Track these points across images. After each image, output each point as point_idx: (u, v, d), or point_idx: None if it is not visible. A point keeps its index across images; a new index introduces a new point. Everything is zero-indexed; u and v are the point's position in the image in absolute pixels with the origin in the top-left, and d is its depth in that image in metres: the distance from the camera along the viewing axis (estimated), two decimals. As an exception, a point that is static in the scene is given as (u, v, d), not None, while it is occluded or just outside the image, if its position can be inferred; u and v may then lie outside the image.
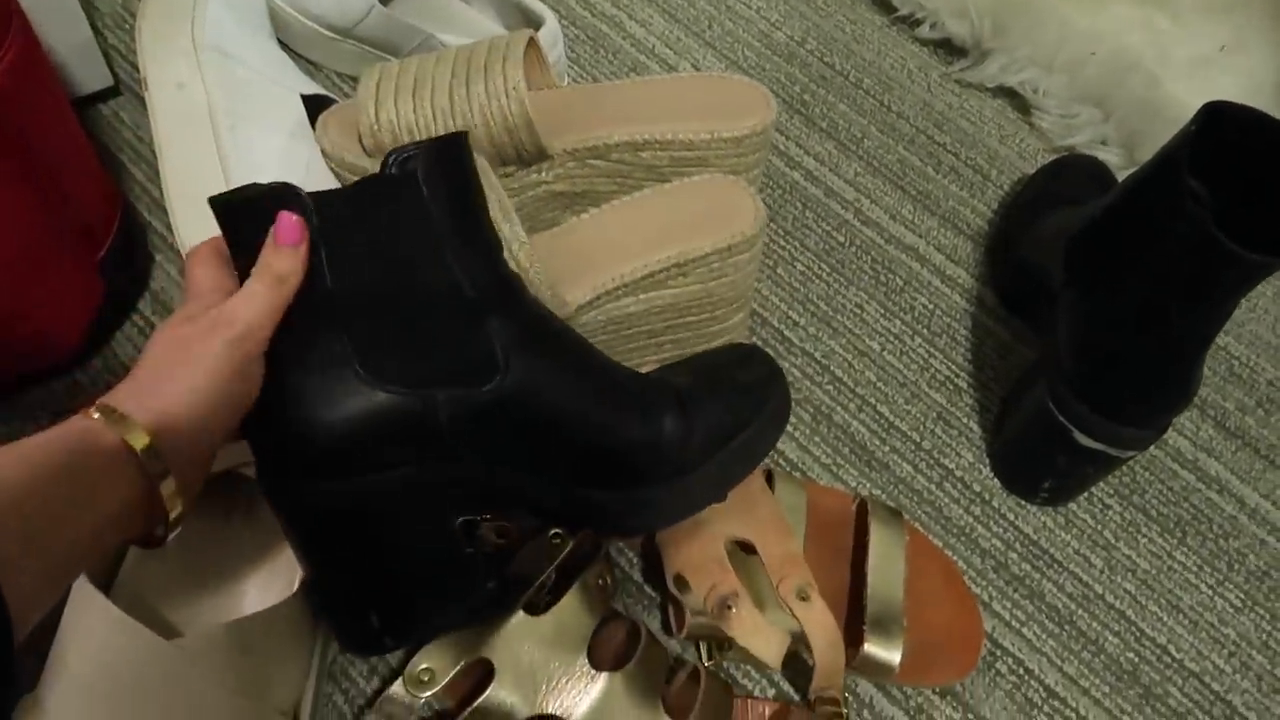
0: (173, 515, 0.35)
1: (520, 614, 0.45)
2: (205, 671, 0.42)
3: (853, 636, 0.51)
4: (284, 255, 0.38)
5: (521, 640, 0.44)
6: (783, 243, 0.69)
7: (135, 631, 0.41)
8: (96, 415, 0.33)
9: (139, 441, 0.33)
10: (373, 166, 0.58)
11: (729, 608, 0.48)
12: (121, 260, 0.59)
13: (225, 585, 0.49)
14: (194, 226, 0.56)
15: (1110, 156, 0.74)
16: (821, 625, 0.49)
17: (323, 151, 0.59)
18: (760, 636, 0.48)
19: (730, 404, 0.47)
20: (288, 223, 0.38)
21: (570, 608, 0.46)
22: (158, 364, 0.36)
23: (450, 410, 0.39)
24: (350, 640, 0.44)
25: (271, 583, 0.49)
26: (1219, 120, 0.48)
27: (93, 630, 0.42)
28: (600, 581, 0.48)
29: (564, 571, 0.49)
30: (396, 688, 0.44)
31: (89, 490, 0.32)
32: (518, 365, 0.40)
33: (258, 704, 0.44)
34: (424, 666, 0.44)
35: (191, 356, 0.36)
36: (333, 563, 0.42)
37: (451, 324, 0.39)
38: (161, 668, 0.41)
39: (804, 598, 0.49)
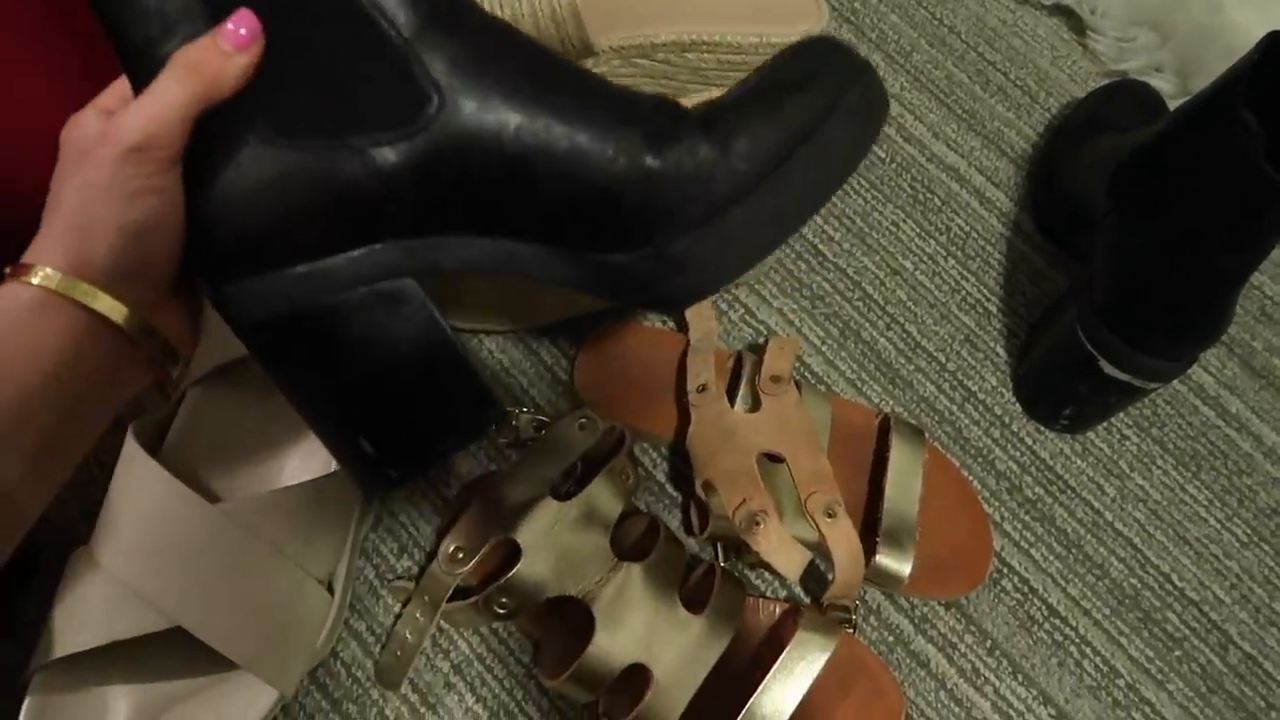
0: (137, 328, 0.33)
1: (547, 499, 0.46)
2: (249, 535, 0.44)
3: (866, 547, 0.53)
4: (213, 52, 0.31)
5: (548, 523, 0.46)
6: (823, 155, 0.68)
7: (183, 494, 0.43)
8: (35, 281, 0.31)
9: (66, 286, 0.31)
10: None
11: (757, 524, 0.50)
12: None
13: (266, 458, 0.51)
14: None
15: (1163, 84, 0.72)
16: (846, 543, 0.50)
17: None
18: (784, 553, 0.49)
19: (782, 105, 0.35)
20: (240, 32, 0.31)
21: (595, 496, 0.47)
22: (58, 202, 0.32)
23: (381, 165, 0.32)
24: (354, 472, 0.38)
25: (311, 458, 0.51)
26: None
27: (142, 491, 0.44)
28: (624, 475, 0.50)
29: (590, 461, 0.50)
30: (434, 567, 0.46)
31: (25, 344, 0.31)
32: (458, 93, 0.32)
33: (297, 569, 0.46)
34: (455, 546, 0.46)
35: (90, 182, 0.31)
36: (299, 382, 0.36)
37: (370, 56, 0.32)
38: (208, 530, 0.43)
39: (831, 515, 0.51)
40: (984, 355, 0.63)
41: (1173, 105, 0.68)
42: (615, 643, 0.45)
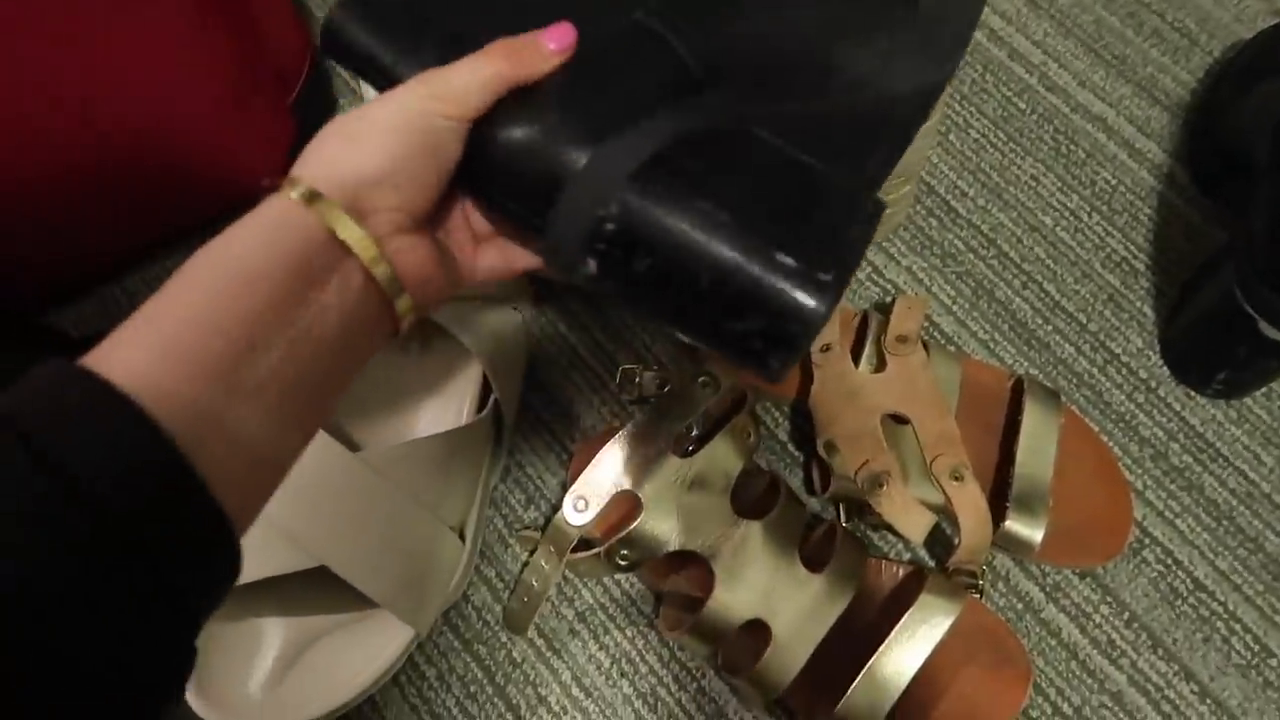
0: (406, 317, 0.33)
1: (669, 455, 0.47)
2: (389, 482, 0.47)
3: (995, 512, 0.51)
4: (532, 46, 0.33)
5: (669, 479, 0.47)
6: (958, 108, 0.65)
7: (327, 442, 0.46)
8: (295, 196, 0.29)
9: (364, 249, 0.30)
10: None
11: (880, 485, 0.49)
12: (311, 102, 0.62)
13: (402, 410, 0.53)
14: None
15: (1345, 21, 0.66)
16: (973, 507, 0.49)
17: None
18: (909, 516, 0.49)
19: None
20: (565, 31, 0.34)
21: (717, 453, 0.48)
22: (360, 127, 0.31)
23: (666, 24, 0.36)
24: (784, 302, 0.31)
25: (445, 410, 0.53)
26: None
27: (291, 439, 0.46)
28: (745, 434, 0.50)
29: (712, 419, 0.50)
30: (558, 518, 0.47)
31: (318, 298, 0.29)
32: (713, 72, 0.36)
33: (432, 516, 0.48)
34: (579, 497, 0.47)
35: (376, 117, 0.31)
36: (671, 277, 0.32)
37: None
38: (351, 476, 0.46)
39: (958, 478, 0.49)
40: (1129, 316, 0.59)
41: (1354, 44, 0.62)
42: (735, 598, 0.46)
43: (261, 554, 0.45)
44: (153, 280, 0.60)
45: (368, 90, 0.57)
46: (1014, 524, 0.50)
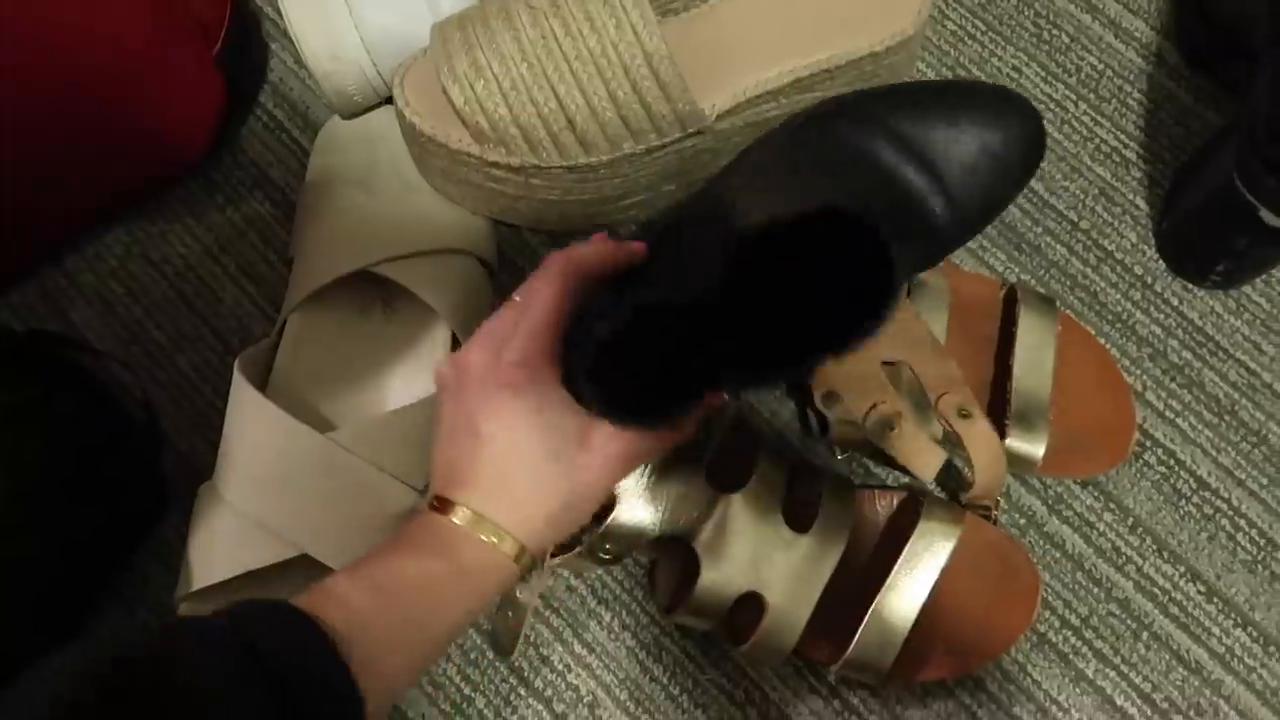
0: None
1: None
2: (362, 461, 0.45)
3: (994, 429, 0.50)
4: (605, 248, 0.37)
5: (642, 466, 0.45)
6: (931, -2, 0.61)
7: (292, 427, 0.44)
8: (463, 525, 0.34)
9: (515, 553, 0.34)
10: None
11: (891, 428, 0.47)
12: (238, 53, 0.58)
13: (371, 381, 0.51)
14: (305, 18, 0.53)
15: None
16: (985, 444, 0.47)
17: (408, 126, 0.51)
18: (922, 456, 0.47)
19: None
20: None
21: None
22: (523, 473, 0.35)
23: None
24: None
25: (415, 376, 0.51)
26: None
27: (253, 427, 0.44)
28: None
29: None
30: None
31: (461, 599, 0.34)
32: None
33: (411, 491, 0.47)
34: None
35: (562, 489, 0.35)
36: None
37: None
38: (323, 460, 0.44)
39: (966, 415, 0.47)
40: (1122, 210, 0.57)
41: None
42: (723, 575, 0.45)
43: (237, 549, 0.43)
44: (93, 259, 0.57)
45: (303, 35, 0.53)
46: (1015, 441, 0.49)
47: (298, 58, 0.59)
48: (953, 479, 0.52)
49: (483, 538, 0.34)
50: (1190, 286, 0.55)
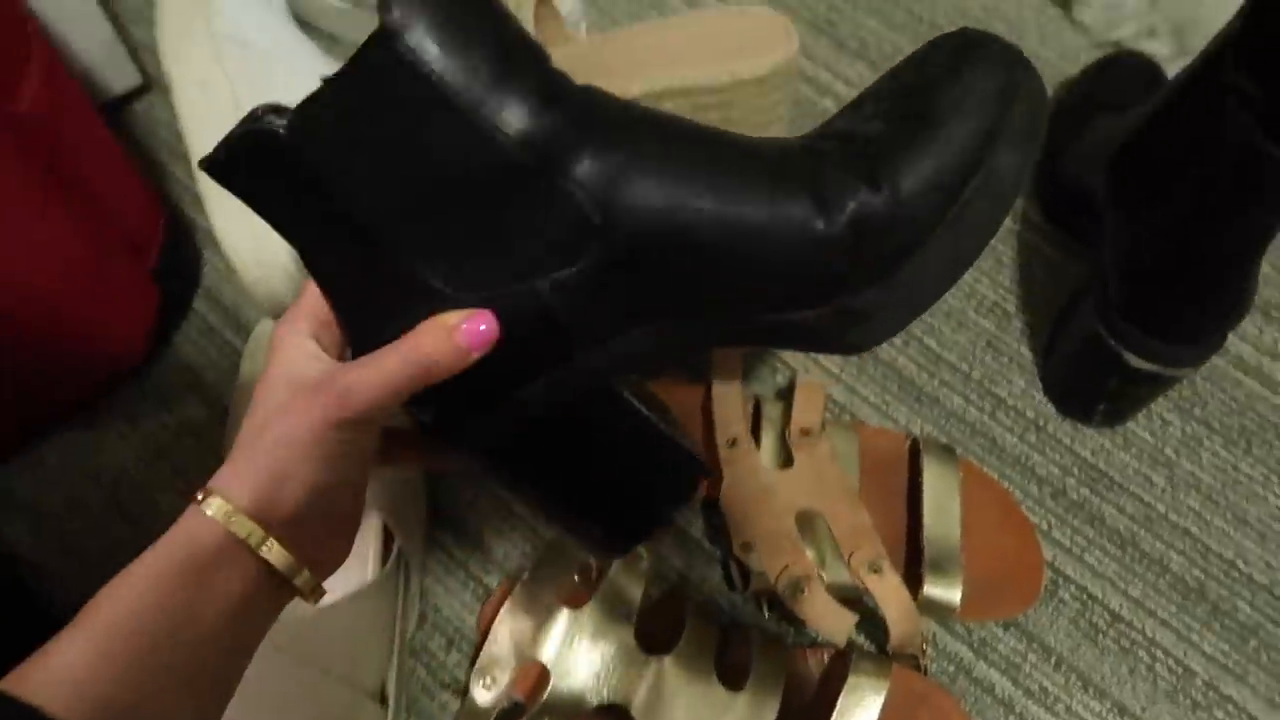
0: (309, 587, 0.34)
1: (562, 610, 0.46)
2: (295, 661, 0.45)
3: (912, 579, 0.52)
4: (448, 348, 0.32)
5: (567, 634, 0.46)
6: (818, 177, 0.67)
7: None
8: (210, 512, 0.31)
9: (251, 535, 0.31)
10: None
11: (801, 590, 0.49)
12: (173, 265, 0.61)
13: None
14: (232, 226, 0.57)
15: (1160, 47, 0.70)
16: (895, 599, 0.50)
17: None
18: (830, 619, 0.49)
19: (942, 136, 0.33)
20: (480, 330, 0.32)
21: (610, 593, 0.47)
22: (258, 441, 0.32)
23: (560, 298, 0.32)
24: (592, 549, 0.42)
25: (348, 570, 0.52)
26: (1272, 7, 0.45)
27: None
28: (637, 557, 0.49)
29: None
30: (469, 700, 0.46)
31: (206, 592, 0.31)
32: (617, 208, 0.32)
33: (345, 688, 0.47)
34: (483, 672, 0.46)
35: (293, 438, 0.31)
36: (533, 490, 0.38)
37: (516, 193, 0.32)
38: (256, 663, 0.44)
39: (876, 570, 0.50)
40: (1008, 358, 0.61)
41: (1171, 69, 0.66)
42: None
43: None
44: (27, 471, 0.57)
45: (231, 244, 0.56)
46: (932, 589, 0.51)
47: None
48: (875, 626, 0.53)
49: (209, 513, 0.31)
50: (1079, 426, 0.59)
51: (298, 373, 0.33)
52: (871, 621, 0.53)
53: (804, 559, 0.49)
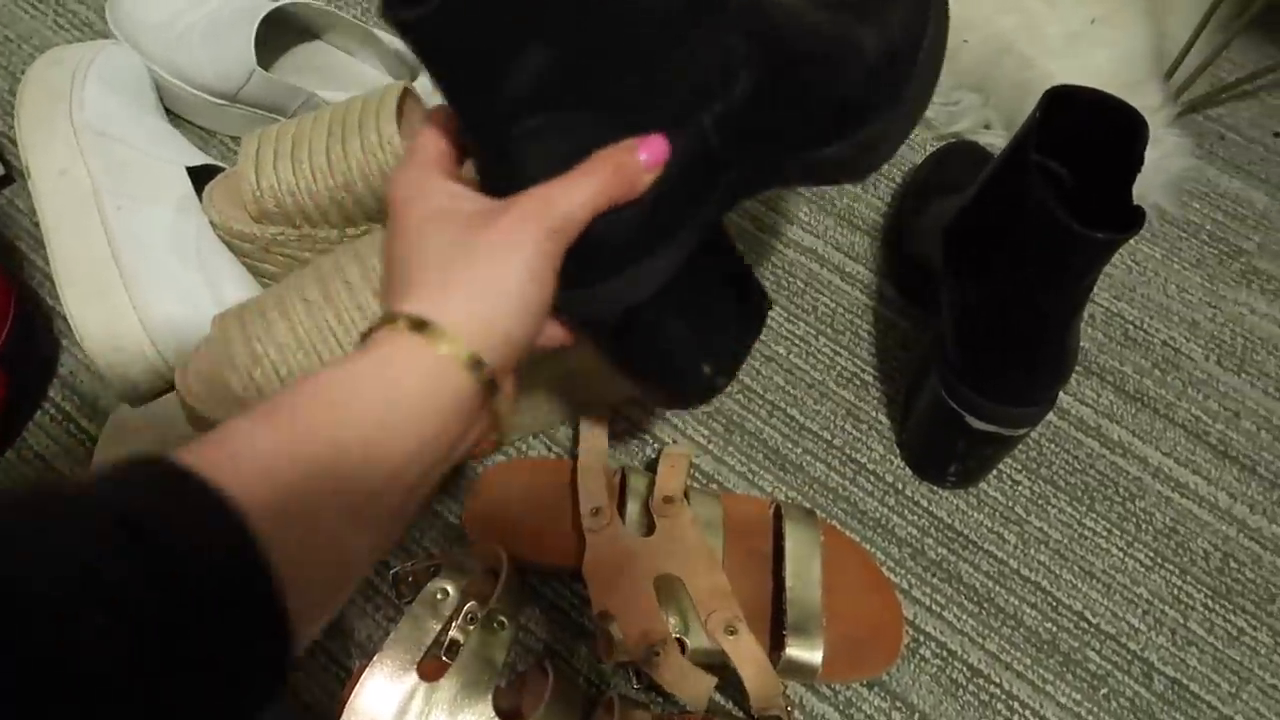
0: (501, 424, 0.34)
1: (417, 684, 0.46)
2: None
3: (775, 641, 0.53)
4: (633, 163, 0.34)
5: (425, 709, 0.45)
6: (684, 258, 0.70)
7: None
8: (406, 329, 0.31)
9: (461, 353, 0.31)
10: (261, 233, 0.58)
11: (656, 654, 0.49)
12: (23, 352, 0.59)
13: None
14: (87, 312, 0.56)
15: (995, 139, 0.76)
16: (750, 659, 0.50)
17: (211, 222, 0.60)
18: (687, 683, 0.49)
19: None
20: (656, 148, 0.35)
21: (468, 666, 0.47)
22: (448, 260, 0.32)
23: (720, 133, 0.37)
24: (691, 392, 0.45)
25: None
26: (1066, 103, 0.50)
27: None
28: (498, 625, 0.49)
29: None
30: None
31: (409, 414, 0.30)
32: (758, 35, 0.37)
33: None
34: None
35: (495, 252, 0.32)
36: (652, 339, 0.41)
37: (690, 29, 0.35)
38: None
39: (732, 631, 0.50)
40: (868, 426, 0.64)
41: (1002, 157, 0.71)
42: None
43: None
44: None
45: (86, 330, 0.55)
46: (794, 650, 0.52)
47: (86, 358, 0.61)
48: (735, 687, 0.53)
49: (426, 343, 0.30)
50: (935, 488, 0.62)
51: (456, 207, 0.34)
52: (736, 685, 0.53)
53: (661, 624, 0.50)
